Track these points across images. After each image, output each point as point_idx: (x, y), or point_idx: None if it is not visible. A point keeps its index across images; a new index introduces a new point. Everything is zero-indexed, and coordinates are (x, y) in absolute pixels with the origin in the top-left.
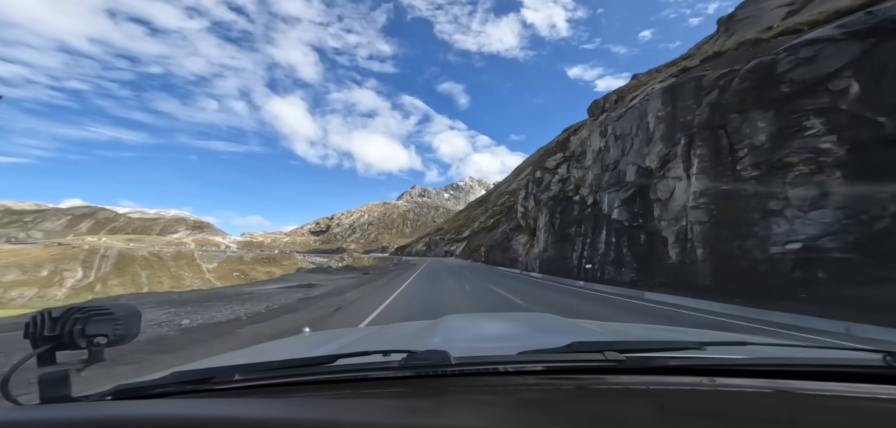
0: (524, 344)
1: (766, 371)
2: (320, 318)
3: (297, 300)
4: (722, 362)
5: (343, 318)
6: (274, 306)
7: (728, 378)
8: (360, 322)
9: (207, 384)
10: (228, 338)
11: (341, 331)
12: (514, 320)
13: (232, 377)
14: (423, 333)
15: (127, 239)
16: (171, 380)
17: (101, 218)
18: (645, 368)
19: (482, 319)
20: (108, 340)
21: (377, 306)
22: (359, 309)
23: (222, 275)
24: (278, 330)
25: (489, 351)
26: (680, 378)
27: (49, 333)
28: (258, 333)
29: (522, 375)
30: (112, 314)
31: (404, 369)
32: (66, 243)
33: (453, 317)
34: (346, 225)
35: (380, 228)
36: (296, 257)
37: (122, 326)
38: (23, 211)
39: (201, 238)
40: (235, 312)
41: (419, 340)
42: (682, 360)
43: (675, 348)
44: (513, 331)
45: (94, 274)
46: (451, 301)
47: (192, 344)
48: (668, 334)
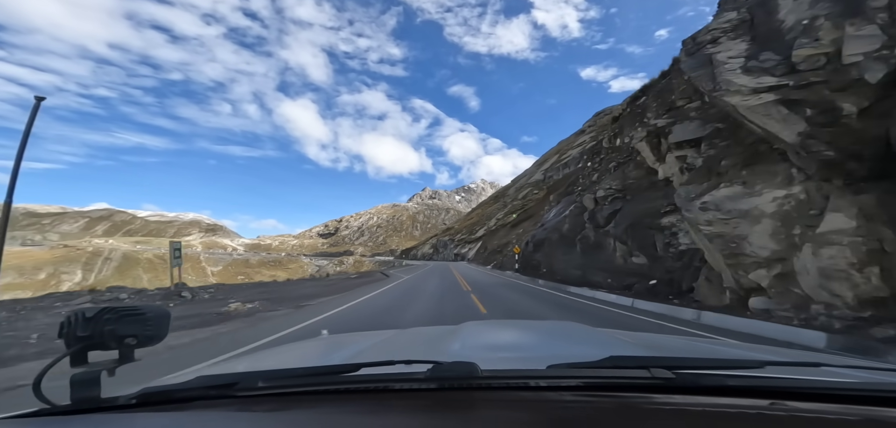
0: (553, 355)
1: (846, 396)
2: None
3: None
4: (791, 384)
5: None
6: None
7: (802, 402)
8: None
9: (231, 390)
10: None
11: (360, 334)
12: (538, 330)
13: (256, 384)
14: (444, 339)
15: (134, 242)
16: (195, 384)
17: (118, 221)
18: (698, 387)
19: (504, 326)
20: (137, 341)
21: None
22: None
23: (226, 277)
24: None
25: (516, 363)
26: (740, 400)
27: (82, 333)
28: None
29: (557, 391)
30: (143, 315)
31: (430, 381)
32: (71, 246)
33: (474, 323)
34: (354, 227)
35: (388, 230)
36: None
37: (152, 326)
38: (43, 214)
39: (209, 241)
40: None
41: (440, 348)
42: (742, 379)
43: (732, 366)
44: (539, 341)
45: (94, 276)
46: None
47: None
48: (719, 350)
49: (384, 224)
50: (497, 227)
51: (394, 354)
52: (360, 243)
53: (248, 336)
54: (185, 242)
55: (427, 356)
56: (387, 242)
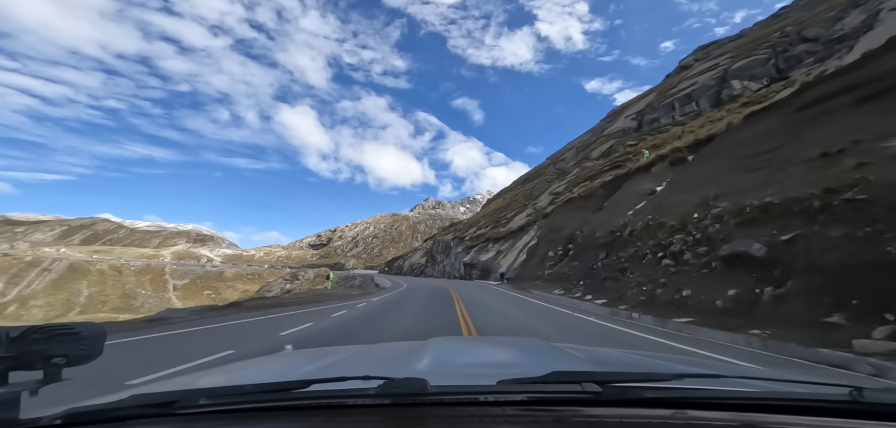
0: (507, 372)
1: (736, 405)
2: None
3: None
4: (695, 395)
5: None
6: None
7: (700, 411)
8: None
9: (170, 408)
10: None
11: (325, 350)
12: (501, 345)
13: (197, 402)
14: (409, 355)
15: (92, 251)
16: (129, 403)
17: (100, 230)
18: (621, 399)
19: (470, 342)
20: (67, 360)
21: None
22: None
23: (191, 293)
24: None
25: (472, 379)
26: (654, 411)
27: (4, 354)
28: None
29: (501, 406)
30: (76, 334)
31: (381, 397)
32: (10, 254)
33: (440, 339)
34: (348, 238)
35: (385, 241)
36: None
37: (85, 345)
38: (18, 222)
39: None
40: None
41: (403, 364)
42: (657, 391)
43: (652, 379)
44: (499, 358)
45: (18, 291)
46: None
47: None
48: (648, 363)
49: (381, 234)
50: (566, 198)
51: (355, 370)
52: (353, 255)
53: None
54: (154, 251)
55: (386, 372)
56: (383, 254)
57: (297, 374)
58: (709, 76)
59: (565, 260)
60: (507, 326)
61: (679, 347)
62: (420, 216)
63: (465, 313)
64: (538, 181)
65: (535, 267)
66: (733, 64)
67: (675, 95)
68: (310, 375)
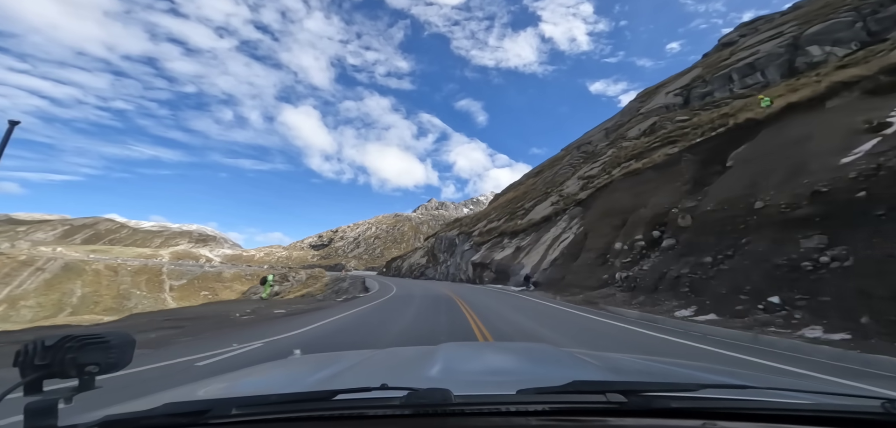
0: (523, 379)
1: (764, 416)
2: None
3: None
4: (724, 406)
5: None
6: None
7: (729, 421)
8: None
9: (202, 418)
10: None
11: (335, 355)
12: (513, 352)
13: (229, 411)
14: (422, 361)
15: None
16: (163, 411)
17: (102, 230)
18: (647, 410)
19: (482, 349)
20: (99, 369)
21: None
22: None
23: (187, 294)
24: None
25: (490, 387)
26: (680, 421)
27: (40, 362)
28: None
29: (524, 416)
30: (106, 342)
31: (405, 407)
32: (3, 254)
33: (452, 345)
34: (349, 238)
35: (387, 242)
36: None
37: (115, 354)
38: (21, 221)
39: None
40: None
41: (417, 371)
42: (684, 401)
43: (676, 389)
44: (513, 365)
45: (9, 291)
46: None
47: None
48: (668, 370)
49: (383, 235)
50: (621, 179)
51: (371, 378)
52: (355, 256)
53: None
54: (153, 251)
55: (403, 380)
56: (384, 255)
57: (318, 379)
58: (775, 44)
59: (656, 255)
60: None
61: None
62: (423, 217)
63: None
64: (559, 168)
65: (587, 267)
66: (804, 30)
67: (733, 66)
68: (331, 381)
